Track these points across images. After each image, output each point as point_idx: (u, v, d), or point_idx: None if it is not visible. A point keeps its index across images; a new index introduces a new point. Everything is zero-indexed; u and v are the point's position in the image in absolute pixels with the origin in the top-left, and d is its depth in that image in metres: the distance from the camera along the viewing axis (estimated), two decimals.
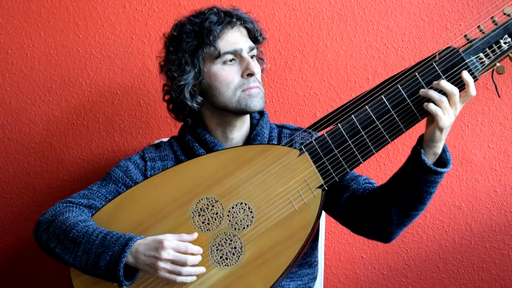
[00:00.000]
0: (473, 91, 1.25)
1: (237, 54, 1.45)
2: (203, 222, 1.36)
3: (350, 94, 1.91)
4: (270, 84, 1.93)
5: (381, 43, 1.91)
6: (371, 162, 1.93)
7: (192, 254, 1.32)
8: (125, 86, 1.96)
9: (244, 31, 1.50)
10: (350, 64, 1.92)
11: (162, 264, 1.29)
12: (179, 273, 1.30)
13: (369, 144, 1.30)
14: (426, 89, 1.25)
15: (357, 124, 1.30)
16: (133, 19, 1.95)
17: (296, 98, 1.93)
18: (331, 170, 1.32)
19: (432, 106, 1.24)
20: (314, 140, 1.33)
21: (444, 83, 1.24)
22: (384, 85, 1.32)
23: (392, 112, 1.28)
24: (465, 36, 1.28)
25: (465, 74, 1.24)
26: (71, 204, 1.44)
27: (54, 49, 1.96)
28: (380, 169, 1.94)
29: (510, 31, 1.25)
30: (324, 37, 1.92)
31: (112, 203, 1.41)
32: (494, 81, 1.29)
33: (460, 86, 1.25)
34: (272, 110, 1.93)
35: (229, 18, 1.46)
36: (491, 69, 1.27)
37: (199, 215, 1.36)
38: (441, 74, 1.26)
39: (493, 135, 1.90)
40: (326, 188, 1.33)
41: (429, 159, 1.28)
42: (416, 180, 1.28)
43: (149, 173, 1.50)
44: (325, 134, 1.32)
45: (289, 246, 1.32)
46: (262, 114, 1.56)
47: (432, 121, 1.26)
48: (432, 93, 1.24)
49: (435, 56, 1.29)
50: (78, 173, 1.99)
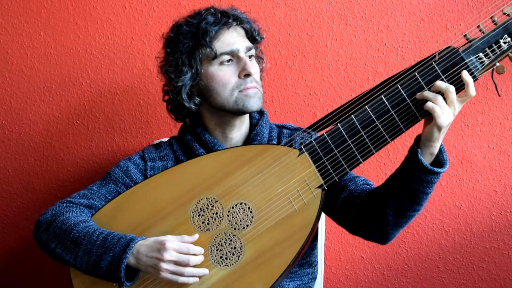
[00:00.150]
0: (472, 91, 1.25)
1: (234, 55, 1.45)
2: (203, 222, 1.36)
3: (350, 94, 1.91)
4: (270, 84, 1.93)
5: (381, 43, 1.91)
6: (370, 162, 1.93)
7: (194, 255, 1.32)
8: (125, 86, 1.96)
9: (241, 31, 1.49)
10: (350, 64, 1.92)
11: (165, 265, 1.29)
12: (181, 274, 1.30)
13: (369, 144, 1.30)
14: (421, 92, 1.26)
15: (357, 124, 1.30)
16: (133, 19, 1.95)
17: (296, 98, 1.93)
18: (331, 170, 1.32)
19: (429, 103, 1.24)
20: (314, 140, 1.33)
21: (439, 83, 1.24)
22: (384, 85, 1.32)
23: (392, 112, 1.28)
24: (465, 36, 1.28)
25: (465, 74, 1.24)
26: (71, 204, 1.44)
27: (54, 49, 1.96)
28: (380, 169, 1.94)
29: (509, 31, 1.25)
30: (324, 37, 1.92)
31: (112, 203, 1.41)
32: (494, 81, 1.29)
33: (459, 86, 1.25)
34: (272, 110, 1.93)
35: (225, 18, 1.46)
36: (491, 69, 1.27)
37: (199, 215, 1.36)
38: (440, 74, 1.26)
39: (493, 135, 1.90)
40: (326, 188, 1.33)
41: (425, 159, 1.28)
42: (412, 180, 1.28)
43: (149, 173, 1.50)
44: (325, 134, 1.32)
45: (289, 246, 1.31)
46: (261, 114, 1.56)
47: (430, 120, 1.26)
48: (427, 93, 1.25)
49: (434, 56, 1.29)
50: (78, 173, 1.99)
